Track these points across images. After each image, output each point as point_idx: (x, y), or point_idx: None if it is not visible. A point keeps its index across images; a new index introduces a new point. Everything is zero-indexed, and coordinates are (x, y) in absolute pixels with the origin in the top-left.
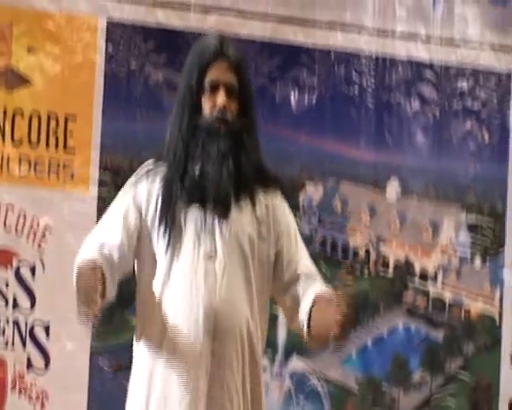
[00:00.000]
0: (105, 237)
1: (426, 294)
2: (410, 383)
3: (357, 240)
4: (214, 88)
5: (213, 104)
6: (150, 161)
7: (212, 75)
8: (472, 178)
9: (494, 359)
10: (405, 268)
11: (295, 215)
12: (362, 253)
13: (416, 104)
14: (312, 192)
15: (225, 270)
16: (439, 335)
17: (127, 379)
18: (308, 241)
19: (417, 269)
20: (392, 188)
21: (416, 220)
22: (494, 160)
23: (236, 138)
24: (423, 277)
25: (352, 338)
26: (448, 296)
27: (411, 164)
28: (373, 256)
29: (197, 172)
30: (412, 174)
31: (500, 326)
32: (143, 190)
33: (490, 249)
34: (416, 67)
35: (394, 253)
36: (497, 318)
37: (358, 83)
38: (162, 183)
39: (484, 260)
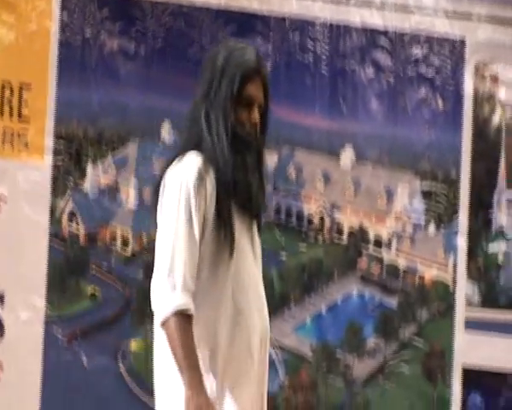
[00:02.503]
0: (190, 273)
1: (380, 261)
2: (364, 349)
3: (312, 207)
4: (250, 103)
5: (248, 118)
6: (198, 158)
7: (251, 91)
8: (426, 146)
9: (448, 325)
10: (359, 235)
11: None
12: (316, 220)
13: (370, 71)
14: (267, 160)
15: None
16: (393, 301)
17: (81, 348)
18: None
19: (371, 236)
20: (347, 155)
21: (371, 187)
22: (448, 127)
23: (258, 155)
24: (377, 243)
25: (307, 305)
26: (402, 263)
27: (366, 131)
28: (327, 223)
29: (243, 181)
30: (366, 141)
31: (453, 292)
32: (206, 195)
33: (444, 216)
34: (371, 33)
35: (348, 220)
36: (450, 284)
37: (313, 50)
38: (222, 188)
39: (438, 227)
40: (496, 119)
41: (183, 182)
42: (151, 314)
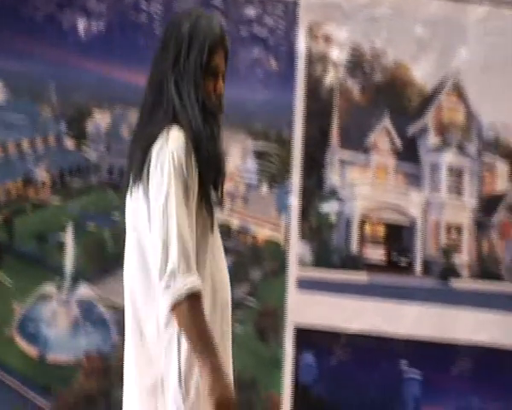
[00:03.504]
0: (193, 251)
1: None
2: None
3: None
4: (216, 74)
5: (214, 88)
6: (181, 134)
7: (217, 61)
8: (259, 106)
9: (280, 284)
10: None
11: (83, 144)
12: None
13: None
14: (100, 120)
15: None
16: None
17: None
18: (96, 169)
19: None
20: None
21: None
22: (281, 87)
23: None
24: None
25: None
26: (235, 223)
27: None
28: None
29: (215, 154)
30: None
31: (286, 252)
32: (191, 169)
33: (277, 176)
34: None
35: None
36: (283, 244)
37: (146, 10)
38: (203, 160)
39: (271, 187)
40: (328, 79)
41: (175, 158)
42: None
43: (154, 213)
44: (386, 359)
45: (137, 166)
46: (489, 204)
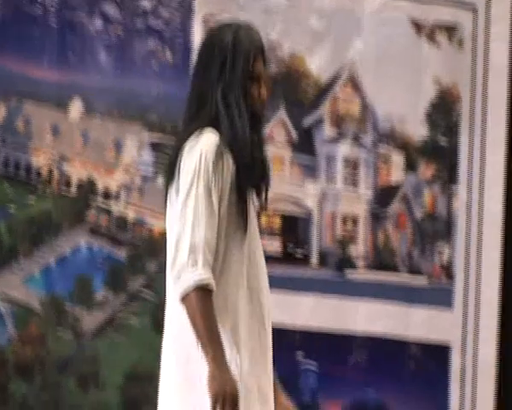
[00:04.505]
0: (210, 248)
1: (109, 213)
2: (93, 302)
3: (41, 160)
4: (259, 80)
5: (258, 94)
6: (216, 136)
7: (259, 68)
8: (154, 98)
9: None
10: (88, 187)
11: None
12: (45, 172)
13: (99, 23)
14: None
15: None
16: (122, 254)
17: None
18: None
19: (100, 188)
20: (75, 107)
21: (99, 140)
22: (177, 79)
23: None
24: (106, 196)
25: (35, 258)
26: (131, 215)
27: (94, 84)
28: (56, 176)
29: (260, 159)
30: (95, 94)
31: None
32: (220, 171)
33: None
34: None
35: (77, 172)
36: None
37: (41, 2)
38: (248, 165)
39: None
40: None
41: (202, 157)
42: None
43: (177, 210)
44: (282, 350)
45: (170, 166)
46: (384, 195)
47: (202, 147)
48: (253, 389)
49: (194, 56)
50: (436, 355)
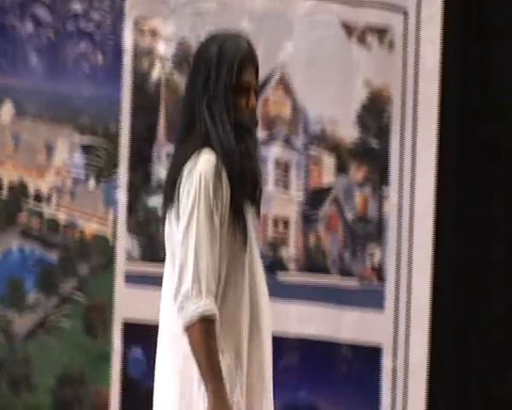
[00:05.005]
0: (213, 276)
1: (40, 215)
2: (24, 304)
3: None
4: (247, 89)
5: (246, 104)
6: (212, 156)
7: (247, 77)
8: (86, 100)
9: (108, 279)
10: (20, 190)
11: None
12: None
13: (30, 26)
14: None
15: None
16: (53, 256)
17: None
18: None
19: (32, 191)
20: (6, 110)
21: (31, 142)
22: (108, 81)
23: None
24: (38, 198)
25: None
26: (62, 217)
27: (26, 86)
28: None
29: (250, 170)
30: (27, 96)
31: (114, 247)
32: (220, 192)
33: (104, 170)
34: None
35: (9, 175)
36: (110, 238)
37: None
38: (239, 177)
39: (98, 182)
40: (155, 73)
41: (202, 180)
42: None
43: (179, 236)
44: None
45: (169, 189)
46: (316, 197)
47: (201, 169)
48: None
49: (126, 59)
50: (368, 357)
